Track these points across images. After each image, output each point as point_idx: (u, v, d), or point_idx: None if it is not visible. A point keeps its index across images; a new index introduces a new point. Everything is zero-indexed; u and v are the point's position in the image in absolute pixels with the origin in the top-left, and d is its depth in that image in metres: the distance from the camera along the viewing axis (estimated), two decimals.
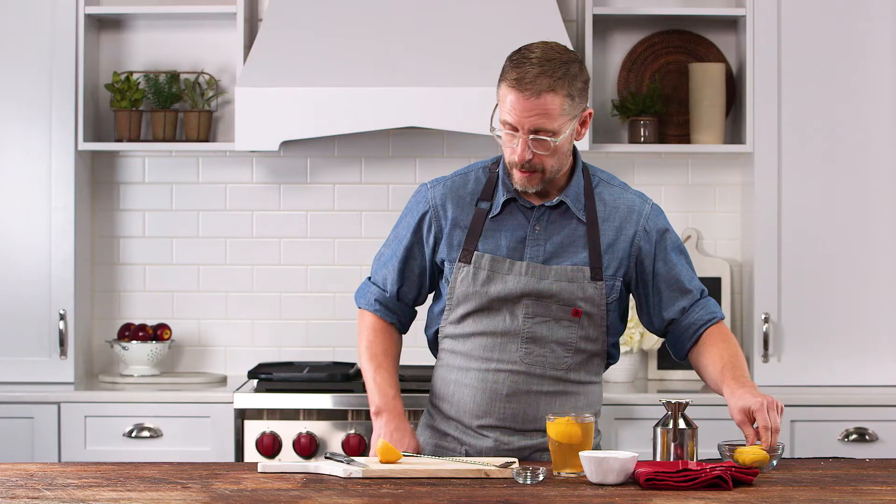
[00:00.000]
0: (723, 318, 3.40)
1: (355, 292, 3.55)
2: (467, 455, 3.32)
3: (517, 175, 3.27)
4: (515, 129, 3.21)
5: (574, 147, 3.35)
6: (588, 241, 3.32)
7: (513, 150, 3.24)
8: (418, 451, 3.32)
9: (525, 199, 3.33)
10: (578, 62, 3.25)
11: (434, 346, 3.50)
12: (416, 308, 3.54)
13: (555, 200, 3.31)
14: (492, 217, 3.34)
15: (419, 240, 3.41)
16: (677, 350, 3.42)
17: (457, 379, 3.37)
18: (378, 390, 3.41)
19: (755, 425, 3.09)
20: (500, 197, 3.33)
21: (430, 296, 3.52)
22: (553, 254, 3.31)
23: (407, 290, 3.47)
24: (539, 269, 3.30)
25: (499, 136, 3.26)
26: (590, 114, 3.29)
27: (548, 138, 3.20)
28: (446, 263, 3.37)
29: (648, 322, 3.44)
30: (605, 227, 3.34)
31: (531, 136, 3.20)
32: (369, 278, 3.53)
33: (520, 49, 3.25)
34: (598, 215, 3.34)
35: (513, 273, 3.30)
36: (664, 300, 3.38)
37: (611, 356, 3.43)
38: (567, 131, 3.23)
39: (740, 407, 3.12)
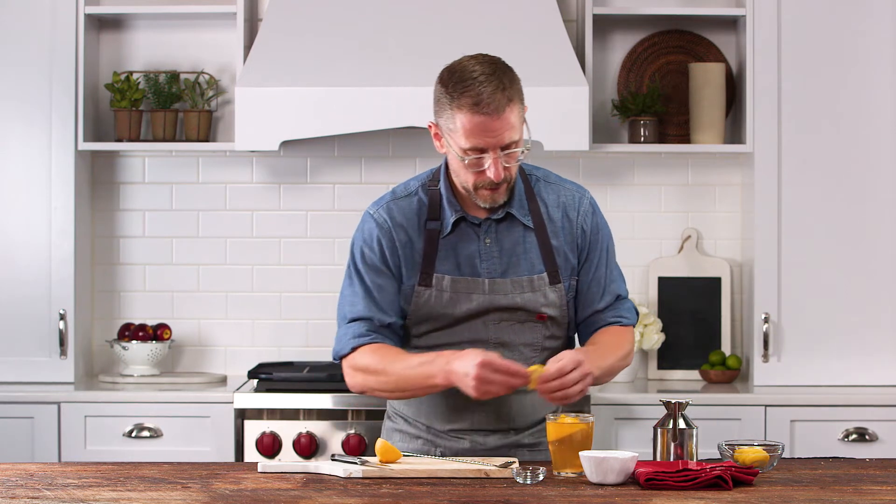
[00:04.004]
0: (630, 325, 3.36)
1: (333, 349, 3.34)
2: (443, 456, 3.30)
3: (485, 193, 3.21)
4: (483, 151, 3.15)
5: None
6: (540, 245, 3.30)
7: (481, 173, 3.17)
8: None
9: (473, 215, 3.28)
10: (507, 63, 3.19)
11: None
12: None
13: (501, 213, 3.27)
14: (443, 237, 3.29)
15: (386, 266, 3.30)
16: (581, 341, 3.40)
17: None
18: (428, 359, 3.18)
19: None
20: (449, 216, 3.28)
21: None
22: (508, 265, 3.28)
23: (394, 320, 3.31)
24: (500, 283, 3.27)
25: (465, 162, 3.16)
26: (526, 109, 3.23)
27: (516, 149, 3.17)
28: (404, 286, 3.31)
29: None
30: (552, 228, 3.31)
31: (503, 153, 3.15)
32: (346, 321, 3.33)
33: (452, 70, 3.17)
34: (542, 217, 3.31)
35: (476, 292, 3.27)
36: (583, 298, 3.35)
37: (571, 346, 3.43)
38: (525, 134, 3.20)
39: (555, 357, 3.10)
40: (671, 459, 3.02)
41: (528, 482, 2.89)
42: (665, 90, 5.16)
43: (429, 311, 3.28)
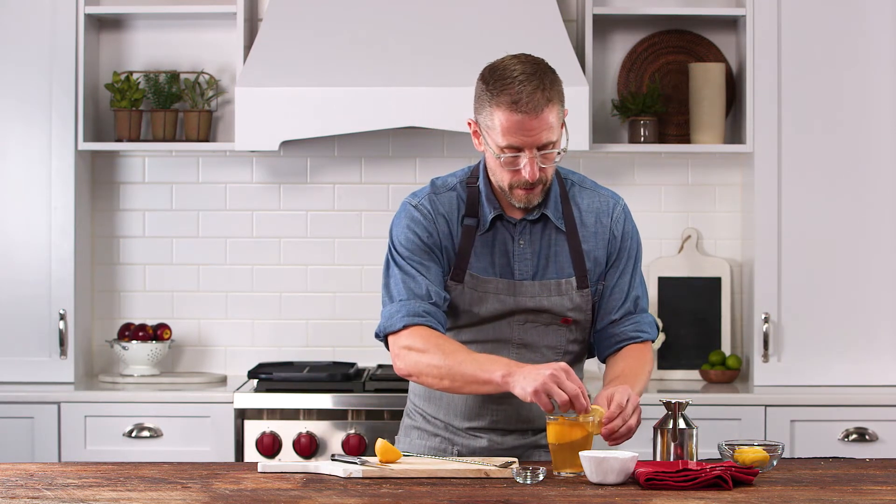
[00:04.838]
0: (650, 340, 3.35)
1: (379, 325, 3.25)
2: (460, 455, 3.30)
3: (520, 193, 3.20)
4: (519, 150, 3.15)
5: None
6: (570, 249, 3.29)
7: (516, 172, 3.17)
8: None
9: (509, 214, 3.28)
10: (549, 65, 3.20)
11: None
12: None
13: (536, 214, 3.27)
14: (480, 234, 3.28)
15: (430, 250, 3.26)
16: (598, 353, 3.39)
17: None
18: (489, 360, 3.13)
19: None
20: (488, 213, 3.27)
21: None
22: (539, 267, 3.28)
23: (443, 304, 3.24)
24: (528, 286, 3.26)
25: (500, 160, 3.16)
26: (566, 112, 3.23)
27: (553, 150, 3.17)
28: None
29: None
30: (584, 233, 3.31)
31: (539, 154, 3.15)
32: (392, 300, 3.24)
33: (494, 68, 3.18)
34: (575, 221, 3.31)
35: (503, 293, 3.26)
36: (604, 303, 3.34)
37: (590, 352, 3.42)
38: (563, 137, 3.21)
39: (604, 395, 3.10)
40: (671, 459, 3.02)
41: (528, 482, 2.89)
42: (665, 90, 5.16)
43: (454, 307, 3.28)
